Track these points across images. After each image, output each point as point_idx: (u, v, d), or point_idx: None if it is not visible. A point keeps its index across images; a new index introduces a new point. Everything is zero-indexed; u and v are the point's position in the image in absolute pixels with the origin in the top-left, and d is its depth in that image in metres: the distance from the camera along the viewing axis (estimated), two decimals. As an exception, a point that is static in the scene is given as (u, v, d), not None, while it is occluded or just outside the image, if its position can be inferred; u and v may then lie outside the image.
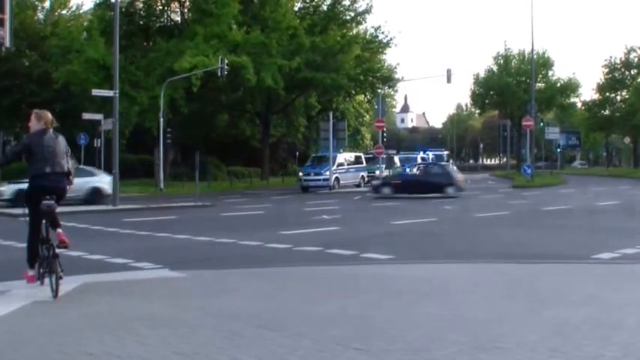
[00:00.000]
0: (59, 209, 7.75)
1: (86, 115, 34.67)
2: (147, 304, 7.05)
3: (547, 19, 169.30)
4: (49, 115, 7.93)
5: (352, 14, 52.08)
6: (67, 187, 7.83)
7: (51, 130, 7.81)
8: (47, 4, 53.02)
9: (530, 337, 5.32)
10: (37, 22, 52.32)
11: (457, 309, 6.52)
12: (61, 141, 7.84)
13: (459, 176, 27.82)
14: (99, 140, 37.50)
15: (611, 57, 72.82)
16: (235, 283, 8.31)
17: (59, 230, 7.49)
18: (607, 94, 73.38)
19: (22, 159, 7.87)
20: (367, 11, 51.74)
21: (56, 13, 53.16)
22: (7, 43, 6.72)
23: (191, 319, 6.21)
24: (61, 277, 7.23)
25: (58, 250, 7.35)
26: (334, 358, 4.86)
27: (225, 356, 4.96)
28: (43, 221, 7.59)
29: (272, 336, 5.53)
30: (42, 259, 7.59)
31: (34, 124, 7.82)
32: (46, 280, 7.50)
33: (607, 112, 73.98)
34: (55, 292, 7.19)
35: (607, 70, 72.89)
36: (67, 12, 53.48)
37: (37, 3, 52.50)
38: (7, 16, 6.42)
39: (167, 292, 7.69)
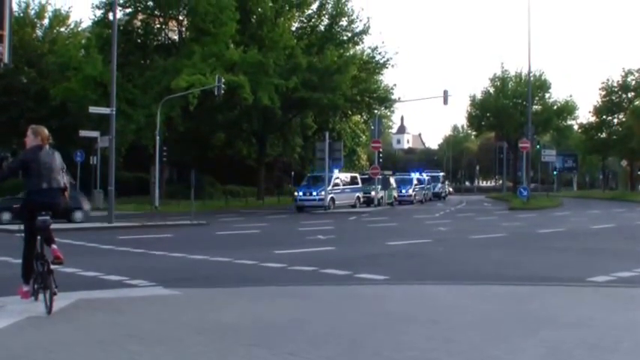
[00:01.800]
0: (55, 225, 7.75)
1: (83, 133, 34.72)
2: (140, 321, 7.04)
3: (544, 41, 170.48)
4: (46, 131, 7.96)
5: (349, 35, 52.36)
6: (63, 202, 7.85)
7: (47, 146, 7.84)
8: (46, 22, 53.18)
9: (524, 359, 5.33)
10: (35, 39, 52.44)
11: (450, 330, 6.52)
12: (57, 157, 7.87)
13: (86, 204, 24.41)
14: (95, 157, 37.50)
15: (608, 79, 73.13)
16: (228, 302, 8.30)
17: (54, 246, 7.49)
18: (604, 116, 73.62)
19: (19, 175, 7.90)
20: (364, 32, 52.02)
21: (55, 31, 53.26)
22: (6, 59, 6.76)
23: (183, 337, 6.20)
24: (55, 293, 7.23)
25: (52, 266, 7.35)
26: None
27: (218, 374, 4.95)
28: (38, 237, 7.60)
29: (263, 354, 5.52)
30: (37, 274, 7.58)
31: (30, 140, 7.85)
32: (41, 296, 7.48)
33: (604, 135, 74.16)
34: (49, 308, 7.17)
35: (604, 92, 73.19)
36: (66, 29, 53.61)
37: (35, 20, 52.65)
38: (6, 33, 6.44)
39: (160, 310, 7.68)
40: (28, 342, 6.01)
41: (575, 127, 79.09)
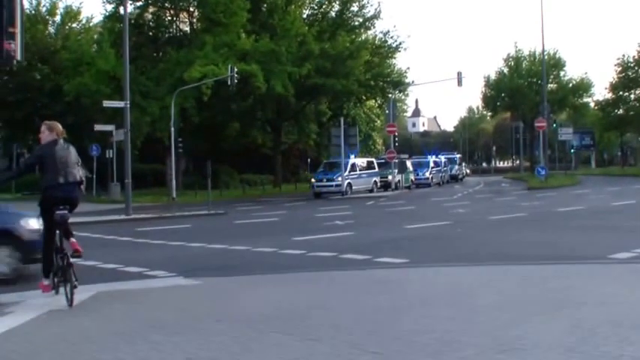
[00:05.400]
0: (73, 219, 7.79)
1: (97, 127, 34.87)
2: (161, 311, 7.05)
3: (557, 18, 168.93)
4: (60, 126, 7.99)
5: (361, 20, 52.07)
6: (80, 196, 7.88)
7: (62, 140, 7.86)
8: (58, 18, 53.42)
9: (548, 338, 5.27)
10: (48, 36, 52.70)
11: (472, 312, 6.47)
12: (72, 151, 7.90)
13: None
14: (111, 151, 37.67)
15: (624, 55, 71.97)
16: (249, 290, 8.30)
17: (73, 239, 7.55)
18: (620, 92, 72.75)
19: (36, 170, 7.93)
20: (375, 16, 51.69)
21: (67, 27, 53.50)
22: (19, 56, 6.77)
23: (205, 326, 6.20)
24: (75, 286, 7.27)
25: (72, 260, 7.38)
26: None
27: (241, 362, 4.95)
28: (57, 231, 7.63)
29: (287, 341, 5.51)
30: (57, 268, 7.63)
31: (45, 135, 7.88)
32: (61, 290, 7.54)
33: (621, 112, 73.33)
34: (70, 301, 7.23)
35: (620, 68, 72.24)
36: (78, 25, 53.81)
37: (47, 17, 52.89)
38: (17, 30, 6.44)
39: (181, 300, 7.70)
40: (51, 335, 6.05)
41: (592, 104, 78.32)
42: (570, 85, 74.59)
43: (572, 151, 72.35)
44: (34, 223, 9.39)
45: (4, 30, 7.42)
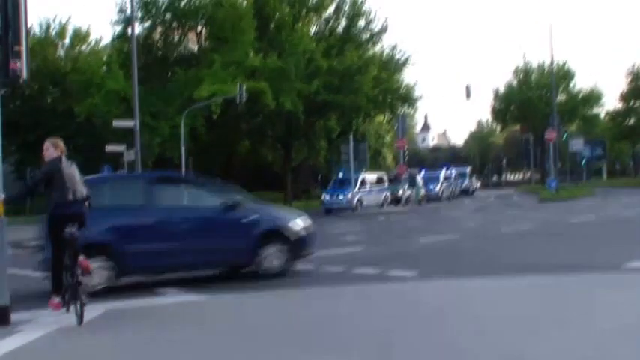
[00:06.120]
0: None
1: (109, 147, 34.97)
2: (169, 327, 7.03)
3: (566, 29, 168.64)
4: (62, 143, 8.03)
5: (368, 35, 52.25)
6: (87, 213, 7.87)
7: (64, 157, 7.88)
8: (67, 41, 53.94)
9: (561, 347, 5.21)
10: (58, 58, 53.19)
11: (483, 323, 6.42)
12: (76, 168, 7.93)
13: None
14: (123, 171, 37.77)
15: (634, 65, 71.94)
16: (258, 304, 8.27)
17: (81, 257, 7.53)
18: (631, 102, 72.53)
19: (42, 188, 7.92)
20: (383, 31, 51.89)
21: (76, 49, 54.01)
22: (25, 75, 6.75)
23: (214, 340, 6.18)
24: (84, 304, 7.26)
25: (81, 278, 7.38)
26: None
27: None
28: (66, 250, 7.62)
29: (295, 353, 5.47)
30: (66, 286, 7.62)
31: (50, 153, 7.90)
32: (72, 307, 7.52)
33: (632, 122, 73.05)
34: (80, 318, 7.22)
35: (630, 78, 72.12)
36: (87, 47, 54.32)
37: (57, 40, 53.42)
38: (23, 48, 6.43)
39: (189, 316, 7.68)
40: (61, 352, 6.05)
41: (602, 115, 78.11)
42: (580, 95, 74.44)
43: (583, 162, 72.02)
44: (301, 223, 11.63)
45: (10, 49, 7.46)
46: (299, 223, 11.62)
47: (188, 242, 10.60)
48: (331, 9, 51.70)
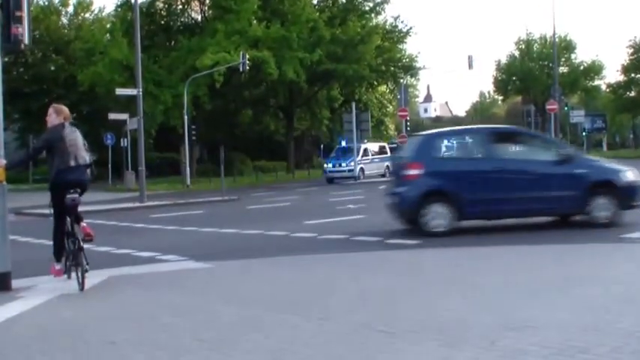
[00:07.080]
0: (89, 207, 7.80)
1: (112, 116, 34.90)
2: (171, 294, 7.07)
3: (568, 1, 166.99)
4: (67, 110, 7.99)
5: (371, 5, 51.93)
6: (89, 179, 7.86)
7: (68, 123, 7.85)
8: (70, 9, 53.65)
9: (561, 316, 5.24)
10: (61, 26, 52.94)
11: (483, 291, 6.44)
12: (79, 134, 7.89)
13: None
14: (125, 140, 37.77)
15: (635, 37, 71.22)
16: (259, 272, 8.31)
17: (84, 224, 7.55)
18: (632, 74, 72.02)
19: (44, 154, 7.92)
20: (385, 1, 51.60)
21: (80, 17, 53.71)
22: (26, 40, 6.71)
23: (216, 307, 6.21)
24: (86, 270, 7.29)
25: (83, 244, 7.40)
26: (359, 341, 4.83)
27: (248, 342, 4.95)
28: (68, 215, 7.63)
29: (295, 321, 5.51)
30: (68, 252, 7.65)
31: (53, 119, 7.87)
32: (73, 274, 7.56)
33: (633, 94, 72.62)
34: (82, 284, 7.24)
35: (632, 50, 71.52)
36: (90, 15, 54.06)
37: (60, 8, 53.09)
38: (24, 14, 6.38)
39: (191, 282, 7.72)
40: (63, 318, 6.08)
41: (603, 87, 77.62)
42: (581, 67, 73.95)
43: (584, 134, 71.76)
44: (630, 175, 12.01)
45: (11, 14, 7.42)
46: (628, 176, 12.00)
47: (523, 191, 11.47)
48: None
